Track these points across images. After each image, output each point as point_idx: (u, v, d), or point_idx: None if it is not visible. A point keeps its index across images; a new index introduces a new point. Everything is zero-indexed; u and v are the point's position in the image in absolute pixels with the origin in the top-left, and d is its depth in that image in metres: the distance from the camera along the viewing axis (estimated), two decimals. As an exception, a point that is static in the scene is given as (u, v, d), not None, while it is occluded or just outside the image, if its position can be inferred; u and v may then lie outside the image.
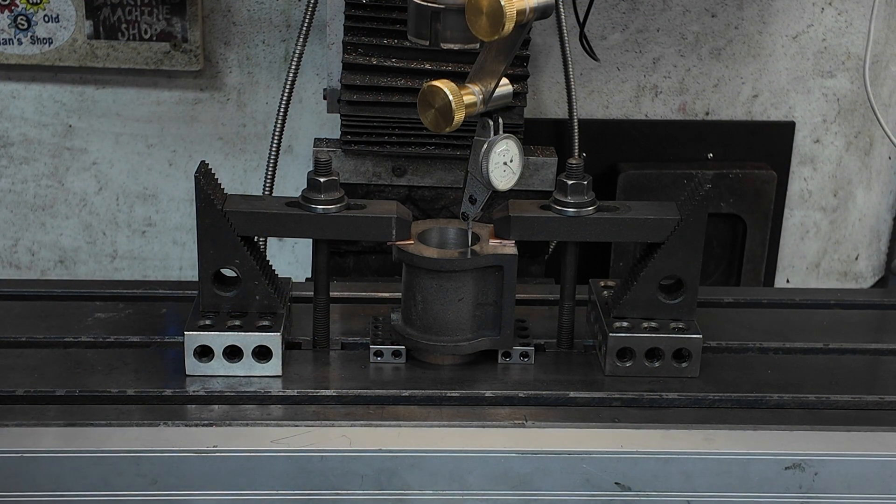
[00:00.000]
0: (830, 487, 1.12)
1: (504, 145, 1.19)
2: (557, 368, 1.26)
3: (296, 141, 2.03)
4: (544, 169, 1.76)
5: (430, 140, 1.71)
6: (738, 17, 1.94)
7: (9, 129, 2.03)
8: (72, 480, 1.08)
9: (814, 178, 2.07)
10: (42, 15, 1.93)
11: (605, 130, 1.98)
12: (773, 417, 1.18)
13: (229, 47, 1.97)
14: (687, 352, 1.23)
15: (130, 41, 1.93)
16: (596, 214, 1.23)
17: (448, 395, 1.19)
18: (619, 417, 1.17)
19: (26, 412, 1.13)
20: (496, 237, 1.23)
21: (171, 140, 2.04)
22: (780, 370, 1.27)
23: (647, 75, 1.97)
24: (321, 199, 1.21)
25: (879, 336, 1.38)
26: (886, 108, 2.05)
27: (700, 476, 1.11)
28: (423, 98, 1.14)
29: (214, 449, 1.08)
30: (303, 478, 1.09)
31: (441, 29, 1.15)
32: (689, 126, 2.00)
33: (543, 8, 1.12)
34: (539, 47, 1.91)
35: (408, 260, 1.21)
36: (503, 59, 1.15)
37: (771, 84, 1.99)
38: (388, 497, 1.10)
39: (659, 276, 1.23)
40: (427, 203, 1.77)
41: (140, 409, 1.15)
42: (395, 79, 1.67)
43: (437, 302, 1.22)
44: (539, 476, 1.10)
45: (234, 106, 2.01)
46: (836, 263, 2.15)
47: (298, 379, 1.22)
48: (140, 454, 1.08)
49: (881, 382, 1.28)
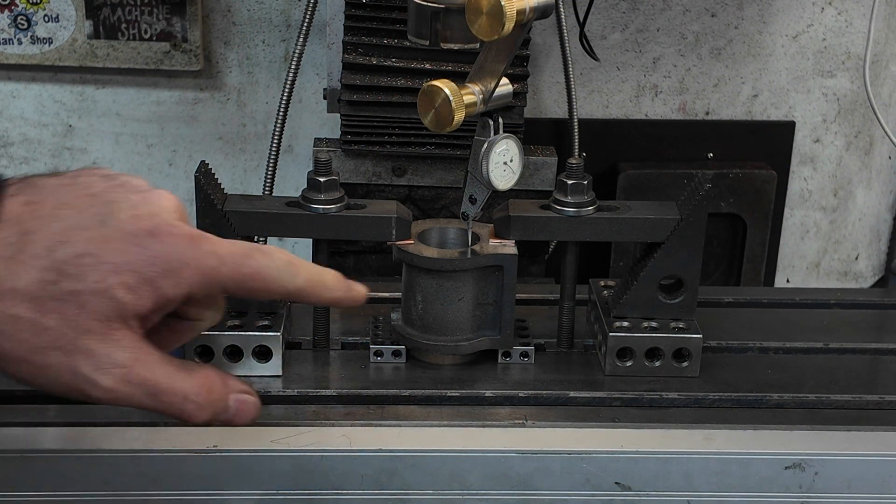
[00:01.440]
0: (830, 487, 1.12)
1: (504, 145, 1.19)
2: (557, 368, 1.26)
3: (296, 141, 2.03)
4: (544, 169, 1.76)
5: (430, 140, 1.71)
6: (738, 17, 1.94)
7: (9, 129, 2.03)
8: (72, 480, 1.08)
9: (814, 177, 2.07)
10: (42, 15, 1.93)
11: (605, 130, 1.98)
12: (773, 417, 1.18)
13: (229, 47, 1.97)
14: (687, 351, 1.23)
15: (130, 41, 1.94)
16: (596, 214, 1.23)
17: (448, 394, 1.19)
18: (619, 417, 1.17)
19: (26, 412, 1.13)
20: (496, 237, 1.23)
21: (171, 140, 2.04)
22: (780, 370, 1.27)
23: (647, 75, 1.97)
24: (321, 198, 1.21)
25: (879, 336, 1.38)
26: (886, 107, 2.05)
27: (700, 476, 1.11)
28: (423, 98, 1.14)
29: (214, 449, 1.08)
30: (303, 478, 1.09)
31: (441, 29, 1.15)
32: (689, 126, 2.00)
33: (543, 8, 1.12)
34: (539, 47, 1.91)
35: (408, 260, 1.21)
36: (503, 59, 1.14)
37: (771, 84, 2.00)
38: (388, 497, 1.10)
39: (659, 275, 1.23)
40: (427, 203, 1.77)
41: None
42: (395, 78, 1.68)
43: (437, 302, 1.21)
44: (539, 476, 1.10)
45: (234, 106, 2.01)
46: (836, 263, 2.15)
47: (298, 379, 1.22)
48: (140, 454, 1.08)
49: (881, 382, 1.28)
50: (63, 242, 0.87)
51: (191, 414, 0.95)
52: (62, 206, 0.89)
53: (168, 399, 0.92)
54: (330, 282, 1.01)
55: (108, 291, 0.87)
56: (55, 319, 0.86)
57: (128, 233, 0.89)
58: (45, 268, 0.86)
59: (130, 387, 0.90)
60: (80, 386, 0.89)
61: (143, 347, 0.90)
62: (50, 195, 0.89)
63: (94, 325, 0.87)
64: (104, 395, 0.90)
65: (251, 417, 1.01)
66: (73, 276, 0.87)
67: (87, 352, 0.87)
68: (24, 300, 0.86)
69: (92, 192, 0.91)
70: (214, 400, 0.96)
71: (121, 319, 0.88)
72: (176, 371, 0.93)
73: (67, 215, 0.88)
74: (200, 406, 0.95)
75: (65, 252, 0.87)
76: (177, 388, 0.93)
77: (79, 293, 0.87)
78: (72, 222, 0.88)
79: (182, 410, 0.94)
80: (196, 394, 0.94)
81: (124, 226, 0.89)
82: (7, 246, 0.86)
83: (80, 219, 0.88)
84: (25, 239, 0.86)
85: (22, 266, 0.86)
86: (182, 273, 0.90)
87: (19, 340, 0.86)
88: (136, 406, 0.92)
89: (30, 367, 0.88)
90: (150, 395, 0.91)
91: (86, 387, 0.89)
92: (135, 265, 0.88)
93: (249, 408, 1.01)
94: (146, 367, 0.90)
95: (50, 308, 0.86)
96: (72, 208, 0.89)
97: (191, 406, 0.94)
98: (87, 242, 0.87)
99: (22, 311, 0.86)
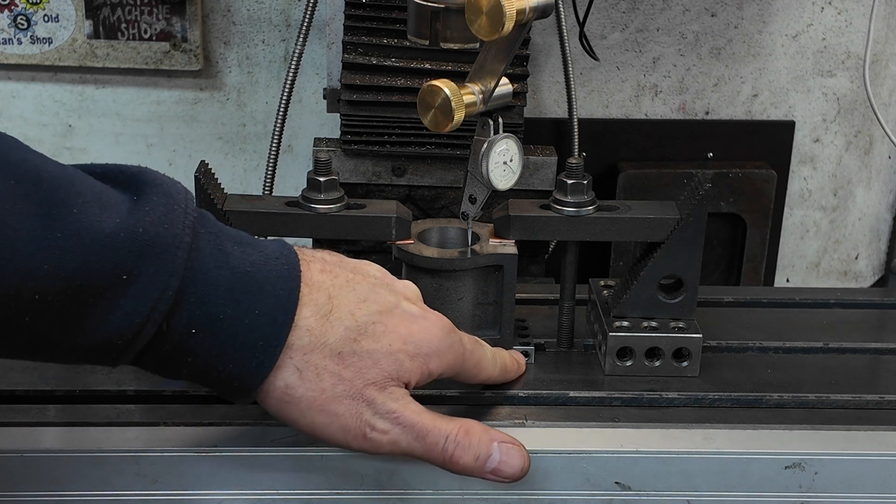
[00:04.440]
0: (830, 487, 1.12)
1: (504, 145, 1.19)
2: (557, 368, 1.26)
3: (296, 141, 2.03)
4: (544, 168, 1.76)
5: (430, 140, 1.71)
6: (738, 17, 1.94)
7: (9, 129, 2.02)
8: (72, 480, 1.08)
9: (814, 177, 2.07)
10: (42, 15, 1.93)
11: (604, 130, 1.98)
12: (773, 417, 1.18)
13: (229, 47, 1.97)
14: (687, 351, 1.23)
15: (130, 41, 1.94)
16: (596, 214, 1.23)
17: (448, 394, 1.19)
18: (618, 417, 1.17)
19: (26, 412, 1.13)
20: (496, 237, 1.23)
21: (171, 140, 2.04)
22: (780, 369, 1.27)
23: (647, 75, 1.97)
24: (321, 198, 1.21)
25: (879, 335, 1.38)
26: (886, 107, 2.05)
27: (700, 475, 1.11)
28: (423, 98, 1.14)
29: (214, 449, 1.08)
30: (303, 478, 1.09)
31: (441, 28, 1.15)
32: (688, 125, 2.00)
33: (543, 7, 1.12)
34: (539, 47, 1.91)
35: (408, 259, 1.21)
36: (503, 59, 1.14)
37: (771, 83, 2.00)
38: (388, 497, 1.10)
39: (659, 275, 1.23)
40: (427, 203, 1.77)
41: (140, 409, 1.15)
42: (394, 78, 1.68)
43: (437, 301, 1.21)
44: (539, 475, 1.10)
45: (234, 106, 2.01)
46: (835, 263, 2.15)
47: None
48: (140, 454, 1.08)
49: (881, 382, 1.28)
50: (361, 309, 1.01)
51: (452, 454, 1.02)
52: (351, 281, 1.03)
53: (432, 439, 1.02)
54: (510, 365, 1.20)
55: (395, 354, 1.01)
56: (351, 372, 0.99)
57: (406, 312, 1.04)
58: (349, 328, 1.00)
59: (400, 428, 1.01)
60: (363, 429, 1.00)
61: (410, 400, 1.03)
62: (337, 268, 1.04)
63: (378, 379, 1.00)
64: (379, 436, 1.01)
65: (520, 466, 1.05)
66: (370, 337, 1.01)
67: (369, 399, 1.00)
68: (332, 354, 0.99)
69: (366, 272, 1.06)
70: (475, 443, 1.03)
71: (397, 380, 1.02)
72: (438, 417, 1.03)
73: (360, 288, 1.03)
74: (462, 447, 1.02)
75: (364, 317, 1.01)
76: (441, 429, 1.02)
77: (374, 351, 1.00)
78: (364, 294, 1.03)
79: (444, 450, 1.02)
80: (456, 434, 1.02)
81: (403, 306, 1.04)
82: (320, 306, 1.00)
83: (370, 293, 1.03)
84: (332, 302, 1.00)
85: (331, 324, 0.99)
86: (444, 355, 1.05)
87: (321, 389, 0.99)
88: (405, 451, 1.02)
89: (323, 416, 1.00)
90: (418, 436, 1.01)
91: (366, 430, 1.00)
92: (415, 340, 1.03)
93: (515, 455, 1.05)
94: (413, 413, 1.02)
95: (349, 362, 0.99)
96: (359, 283, 1.04)
97: (451, 446, 1.02)
98: (379, 314, 1.02)
99: (328, 363, 0.99)
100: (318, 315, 0.99)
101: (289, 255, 1.01)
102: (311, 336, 0.98)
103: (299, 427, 1.01)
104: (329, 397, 0.99)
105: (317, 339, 0.98)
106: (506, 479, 1.05)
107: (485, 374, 1.14)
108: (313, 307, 0.99)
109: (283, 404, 0.99)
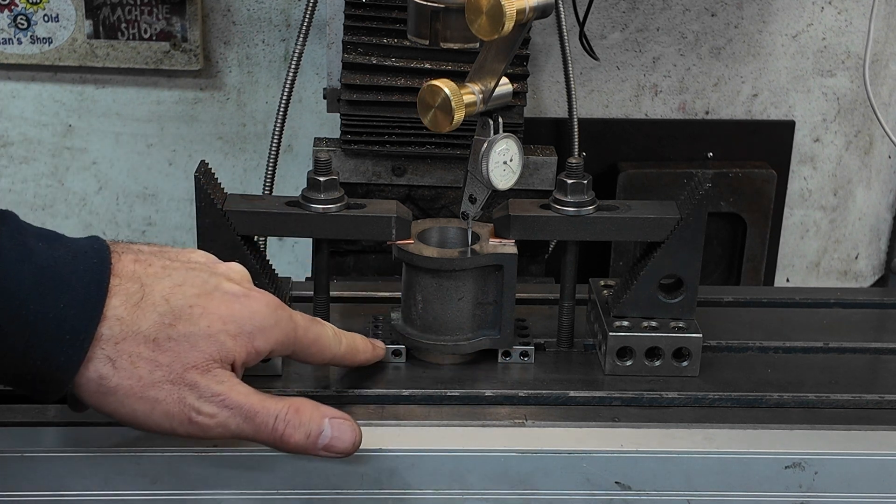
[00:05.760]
0: (830, 486, 1.12)
1: (504, 144, 1.19)
2: (557, 368, 1.26)
3: (296, 140, 2.03)
4: (544, 168, 1.76)
5: (430, 140, 1.71)
6: (738, 17, 1.94)
7: (8, 128, 2.03)
8: (72, 480, 1.08)
9: (814, 177, 2.07)
10: (42, 14, 1.93)
11: (604, 130, 1.98)
12: (772, 417, 1.18)
13: (229, 47, 1.98)
14: (687, 351, 1.23)
15: (130, 41, 1.94)
16: (596, 214, 1.23)
17: (448, 394, 1.19)
18: (618, 417, 1.17)
19: (26, 412, 1.13)
20: (496, 236, 1.23)
21: (171, 139, 2.04)
22: (780, 369, 1.27)
23: (647, 74, 1.97)
24: (321, 198, 1.21)
25: (879, 335, 1.38)
26: (886, 107, 2.05)
27: (700, 475, 1.11)
28: (423, 97, 1.14)
29: (214, 449, 1.08)
30: (303, 478, 1.09)
31: (441, 28, 1.15)
32: (688, 125, 2.00)
33: (543, 7, 1.12)
34: (539, 46, 1.91)
35: (408, 259, 1.21)
36: (503, 59, 1.14)
37: (771, 83, 2.00)
38: (388, 496, 1.10)
39: (659, 275, 1.23)
40: (427, 203, 1.77)
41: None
42: (394, 78, 1.68)
43: (437, 301, 1.22)
44: (539, 475, 1.10)
45: (234, 105, 2.02)
46: (835, 262, 2.15)
47: (298, 379, 1.22)
48: (140, 454, 1.08)
49: (881, 382, 1.28)
50: (176, 294, 1.00)
51: (283, 433, 1.02)
52: (167, 267, 1.02)
53: (262, 419, 1.01)
54: (360, 346, 1.17)
55: (215, 336, 1.00)
56: (169, 357, 0.98)
57: (227, 293, 1.03)
58: (163, 313, 0.99)
59: (228, 411, 1.00)
60: (187, 413, 0.99)
61: (237, 382, 1.02)
62: (153, 257, 1.03)
63: (199, 362, 0.99)
64: (206, 419, 1.00)
65: (351, 441, 1.05)
66: (186, 320, 1.00)
67: (192, 383, 0.99)
68: (145, 341, 0.98)
69: (187, 259, 1.05)
70: (305, 420, 1.03)
71: (220, 361, 1.01)
72: (268, 397, 1.03)
73: (176, 273, 1.02)
74: (292, 425, 1.02)
75: (178, 301, 1.00)
76: (269, 408, 1.01)
77: (192, 335, 0.99)
78: (180, 279, 1.01)
79: (275, 429, 1.02)
80: (286, 413, 1.02)
81: (223, 287, 1.03)
82: (131, 295, 0.99)
83: (186, 277, 1.02)
84: (144, 290, 0.99)
85: (143, 312, 0.98)
86: (271, 332, 1.04)
87: (138, 377, 0.98)
88: (235, 434, 1.01)
89: (143, 403, 0.99)
90: (247, 418, 1.01)
91: (191, 414, 0.99)
92: (236, 319, 1.02)
93: (346, 430, 1.05)
94: (241, 395, 1.01)
95: (165, 347, 0.99)
96: (176, 269, 1.02)
97: (282, 425, 1.02)
98: (196, 297, 1.01)
99: (143, 350, 0.98)
100: (128, 304, 0.98)
101: (100, 248, 1.00)
102: (121, 325, 0.97)
103: (121, 418, 0.99)
104: (147, 384, 0.98)
105: (128, 327, 0.98)
106: (338, 454, 1.04)
107: (329, 352, 1.11)
108: (123, 296, 0.98)
109: (100, 396, 0.98)
